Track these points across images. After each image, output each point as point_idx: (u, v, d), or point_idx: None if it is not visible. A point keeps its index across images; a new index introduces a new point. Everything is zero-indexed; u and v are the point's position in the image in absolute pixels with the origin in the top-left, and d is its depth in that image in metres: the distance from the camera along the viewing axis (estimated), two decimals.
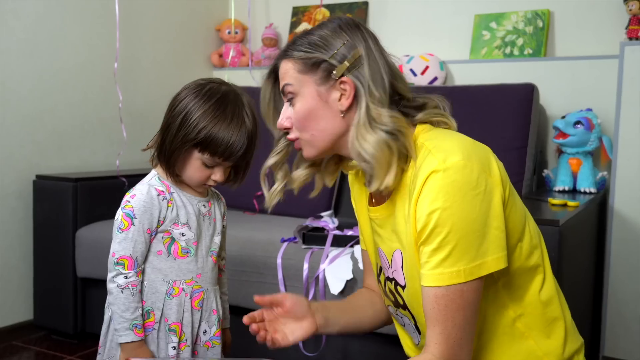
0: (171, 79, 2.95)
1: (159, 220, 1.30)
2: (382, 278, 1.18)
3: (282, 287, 1.86)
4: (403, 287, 1.09)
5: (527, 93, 2.24)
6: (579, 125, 2.26)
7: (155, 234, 1.31)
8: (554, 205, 1.91)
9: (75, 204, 2.27)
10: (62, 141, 2.54)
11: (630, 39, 2.23)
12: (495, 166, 1.00)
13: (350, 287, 1.76)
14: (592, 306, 2.20)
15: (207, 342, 1.37)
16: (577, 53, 2.51)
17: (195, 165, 1.30)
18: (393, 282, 1.12)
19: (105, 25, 2.65)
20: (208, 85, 1.31)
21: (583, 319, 1.22)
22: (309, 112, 1.06)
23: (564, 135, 2.28)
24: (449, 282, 0.96)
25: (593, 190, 2.25)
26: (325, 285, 1.79)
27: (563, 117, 2.33)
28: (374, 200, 1.16)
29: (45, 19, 2.45)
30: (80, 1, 2.57)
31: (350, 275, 1.75)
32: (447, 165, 0.95)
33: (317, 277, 1.80)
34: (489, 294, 1.03)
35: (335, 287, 1.76)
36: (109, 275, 1.30)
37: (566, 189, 2.29)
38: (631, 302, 2.15)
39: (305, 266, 1.83)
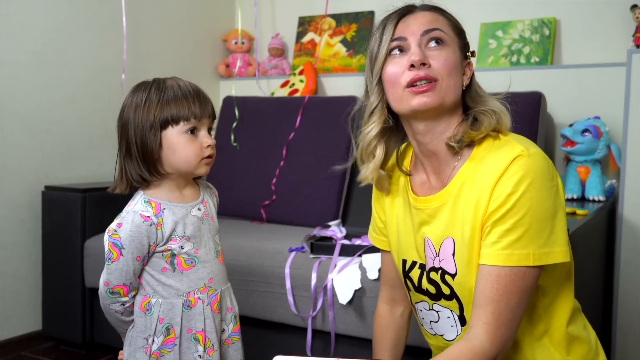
0: None
1: (149, 246, 1.26)
2: (414, 273, 1.17)
3: (290, 297, 1.86)
4: (453, 276, 1.08)
5: (534, 101, 2.23)
6: (586, 133, 2.26)
7: (153, 254, 1.28)
8: None
9: (83, 214, 2.28)
10: (71, 152, 2.56)
11: (638, 46, 2.22)
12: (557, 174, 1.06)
13: (358, 296, 1.76)
14: (602, 316, 2.19)
15: (227, 340, 1.37)
16: (583, 61, 2.50)
17: (182, 141, 1.24)
18: (439, 271, 1.11)
19: (113, 37, 2.67)
20: (138, 85, 1.30)
21: (593, 328, 1.23)
22: (455, 65, 1.08)
23: (571, 143, 2.28)
24: (517, 263, 0.98)
25: (602, 198, 2.24)
26: (334, 295, 1.79)
27: (571, 125, 2.32)
28: (419, 192, 1.16)
29: (53, 32, 2.47)
30: (87, 14, 2.59)
31: (358, 285, 1.75)
32: (531, 153, 1.01)
33: (326, 287, 1.80)
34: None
35: (344, 297, 1.76)
36: (105, 302, 1.31)
37: (575, 197, 2.28)
38: None
39: (314, 276, 1.82)
